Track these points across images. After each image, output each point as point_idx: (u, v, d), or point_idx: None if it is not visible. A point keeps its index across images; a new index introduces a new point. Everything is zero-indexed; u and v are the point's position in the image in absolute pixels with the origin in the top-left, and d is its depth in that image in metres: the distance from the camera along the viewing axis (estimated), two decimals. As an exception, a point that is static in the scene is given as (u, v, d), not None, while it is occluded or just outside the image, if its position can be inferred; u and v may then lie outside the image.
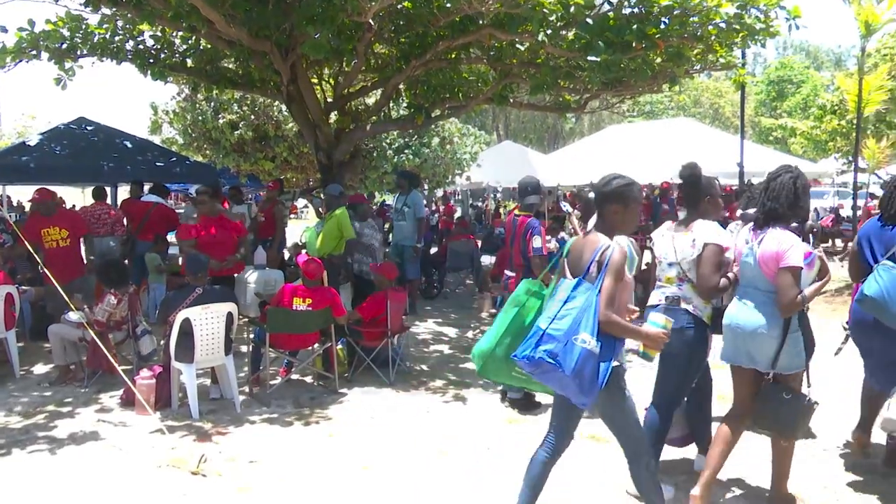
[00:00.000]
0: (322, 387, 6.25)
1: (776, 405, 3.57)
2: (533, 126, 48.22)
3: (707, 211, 3.93)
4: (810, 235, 3.80)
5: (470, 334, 8.43)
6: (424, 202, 10.99)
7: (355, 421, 5.34)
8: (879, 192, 5.81)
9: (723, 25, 6.61)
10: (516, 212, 5.90)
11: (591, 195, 6.74)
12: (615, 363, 3.04)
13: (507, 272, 5.90)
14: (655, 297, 3.99)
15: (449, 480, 4.24)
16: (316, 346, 6.32)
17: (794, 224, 3.68)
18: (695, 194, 3.93)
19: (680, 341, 3.71)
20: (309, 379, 6.49)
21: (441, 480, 4.24)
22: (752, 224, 3.76)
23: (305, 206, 28.16)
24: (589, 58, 6.49)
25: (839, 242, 16.17)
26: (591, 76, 7.38)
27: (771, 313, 3.54)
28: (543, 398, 5.74)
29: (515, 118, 46.82)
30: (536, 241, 5.61)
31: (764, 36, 6.98)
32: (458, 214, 18.51)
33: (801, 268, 3.47)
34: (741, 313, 3.66)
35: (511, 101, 9.68)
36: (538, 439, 3.25)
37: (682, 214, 4.15)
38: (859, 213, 11.55)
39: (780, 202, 3.60)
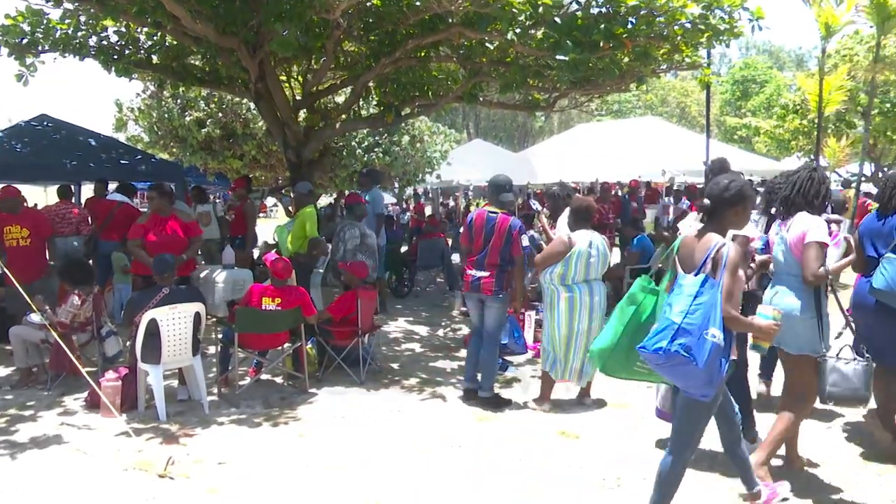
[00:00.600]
0: (292, 387, 6.20)
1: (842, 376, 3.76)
2: (503, 124, 48.38)
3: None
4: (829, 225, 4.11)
5: (441, 332, 8.43)
6: (385, 200, 10.96)
7: (326, 421, 5.31)
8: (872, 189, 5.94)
9: (688, 26, 6.70)
10: (489, 209, 5.71)
11: (559, 193, 6.82)
12: (733, 357, 3.18)
13: (476, 272, 5.61)
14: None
15: (420, 478, 4.23)
16: (286, 345, 6.26)
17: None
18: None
19: None
20: (279, 379, 6.43)
21: (412, 479, 4.23)
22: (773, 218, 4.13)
23: (275, 205, 27.91)
24: (557, 57, 6.53)
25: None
26: (560, 75, 7.43)
27: (805, 297, 3.84)
28: (514, 395, 5.78)
29: (486, 117, 46.91)
30: (524, 240, 5.56)
31: (728, 36, 7.09)
32: (428, 213, 18.53)
33: (826, 244, 3.77)
34: (777, 298, 3.93)
35: (481, 99, 9.69)
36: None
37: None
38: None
39: (800, 193, 3.94)
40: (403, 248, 12.34)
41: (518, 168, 18.94)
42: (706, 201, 3.30)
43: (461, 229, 6.15)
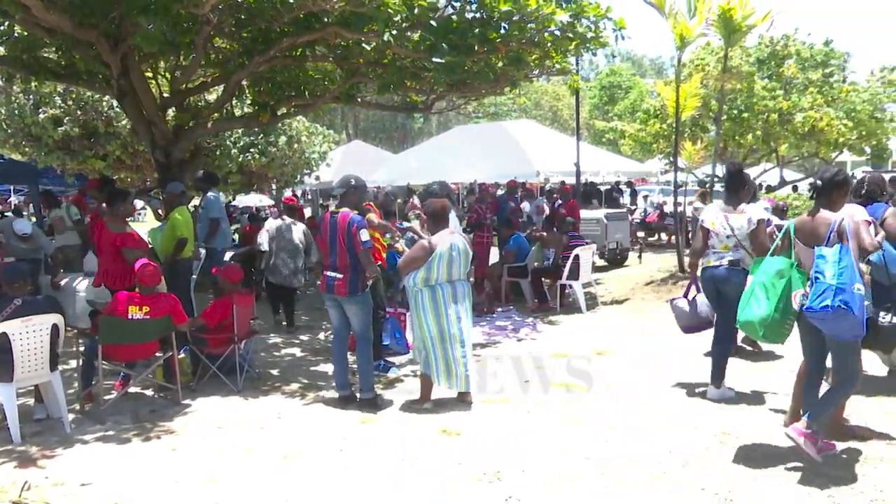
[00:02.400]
0: (164, 399, 5.89)
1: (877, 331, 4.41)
2: (382, 125, 48.35)
3: (748, 196, 5.42)
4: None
5: (322, 336, 8.29)
6: (264, 202, 10.68)
7: (201, 432, 5.08)
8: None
9: (557, 33, 6.97)
10: (332, 210, 5.64)
11: (440, 192, 6.89)
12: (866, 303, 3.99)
13: (331, 273, 5.50)
14: (714, 260, 5.36)
15: (299, 486, 4.14)
16: (156, 355, 5.93)
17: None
18: (739, 184, 5.32)
19: (737, 283, 5.02)
20: (149, 392, 6.10)
21: (291, 487, 4.13)
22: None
23: (143, 208, 26.45)
24: (434, 59, 6.61)
25: (664, 236, 17.59)
26: (437, 77, 7.52)
27: None
28: (396, 395, 5.77)
29: (365, 117, 46.71)
30: (364, 234, 5.41)
31: (594, 45, 7.44)
32: (308, 215, 18.19)
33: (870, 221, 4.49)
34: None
35: (359, 100, 9.63)
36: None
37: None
38: (680, 209, 12.58)
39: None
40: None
41: (398, 169, 19.04)
42: (819, 182, 4.18)
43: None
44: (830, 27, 52.08)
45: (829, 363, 4.36)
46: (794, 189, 16.85)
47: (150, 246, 7.25)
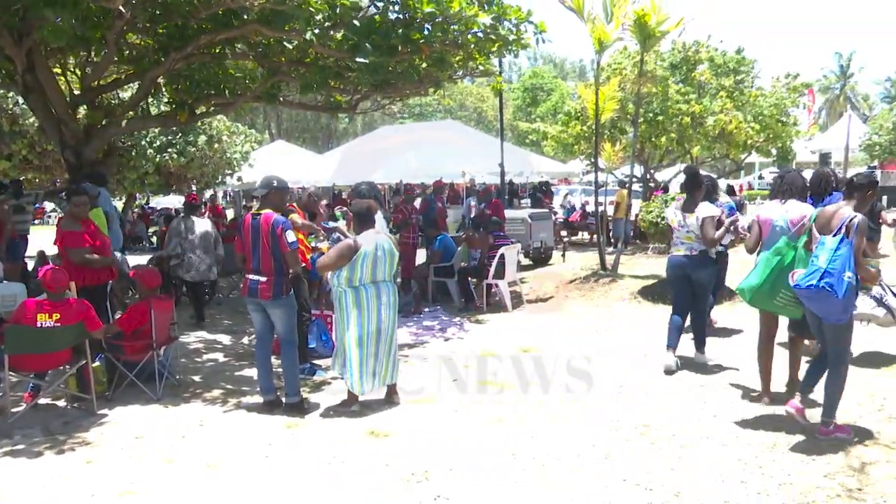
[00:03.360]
0: (78, 409, 5.63)
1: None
2: (307, 125, 47.66)
3: (702, 195, 6.27)
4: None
5: (246, 340, 8.10)
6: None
7: (118, 443, 4.88)
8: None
9: (480, 35, 7.05)
10: (254, 212, 5.52)
11: (367, 192, 6.82)
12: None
13: (254, 276, 5.39)
14: (683, 249, 6.21)
15: (223, 495, 4.04)
16: (68, 365, 5.66)
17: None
18: (695, 185, 6.26)
19: (708, 271, 6.22)
20: (61, 402, 5.81)
21: (214, 496, 4.02)
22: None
23: (54, 210, 25.22)
24: (357, 59, 6.57)
25: (586, 235, 18.03)
26: (361, 77, 7.47)
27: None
28: (323, 399, 5.70)
29: (288, 117, 45.93)
30: (290, 235, 5.31)
31: (516, 47, 7.57)
32: (231, 216, 17.75)
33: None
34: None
35: (281, 99, 9.47)
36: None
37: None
38: (601, 208, 12.93)
39: (794, 188, 5.30)
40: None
41: (323, 169, 18.82)
42: (852, 179, 4.64)
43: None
44: (739, 34, 54.61)
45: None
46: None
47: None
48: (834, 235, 4.36)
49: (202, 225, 8.83)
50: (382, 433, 4.91)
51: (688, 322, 6.45)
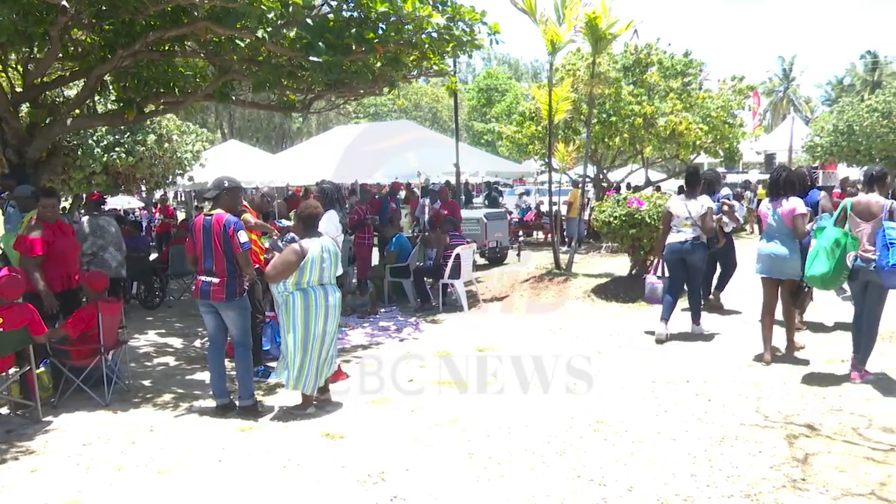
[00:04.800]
0: (22, 417, 5.45)
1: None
2: (260, 125, 47.00)
3: (701, 189, 7.42)
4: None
5: (198, 343, 7.95)
6: (133, 203, 10.15)
7: (65, 451, 4.74)
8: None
9: (434, 35, 7.05)
10: (206, 213, 5.43)
11: (328, 189, 6.76)
12: None
13: (206, 278, 5.32)
14: (681, 237, 7.17)
15: (174, 502, 3.95)
16: (11, 371, 5.47)
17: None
18: (696, 181, 7.35)
19: (701, 255, 7.22)
20: (4, 410, 5.62)
21: (165, 503, 3.94)
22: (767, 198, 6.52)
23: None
24: (310, 58, 6.49)
25: (541, 234, 18.22)
26: (314, 76, 7.38)
27: (792, 247, 6.14)
28: (275, 402, 5.64)
29: (241, 116, 45.21)
30: (242, 236, 5.26)
31: (470, 47, 7.59)
32: (182, 217, 17.39)
33: (806, 214, 6.16)
34: (774, 248, 6.19)
35: (233, 98, 9.29)
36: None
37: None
38: (555, 208, 13.06)
39: (782, 184, 6.27)
40: (153, 256, 11.45)
41: (277, 169, 18.57)
42: (871, 173, 5.70)
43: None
44: (687, 37, 55.87)
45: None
46: (657, 189, 17.81)
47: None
48: (886, 220, 5.36)
49: (110, 223, 8.71)
50: (338, 434, 4.88)
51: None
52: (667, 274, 7.38)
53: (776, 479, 3.97)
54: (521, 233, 17.70)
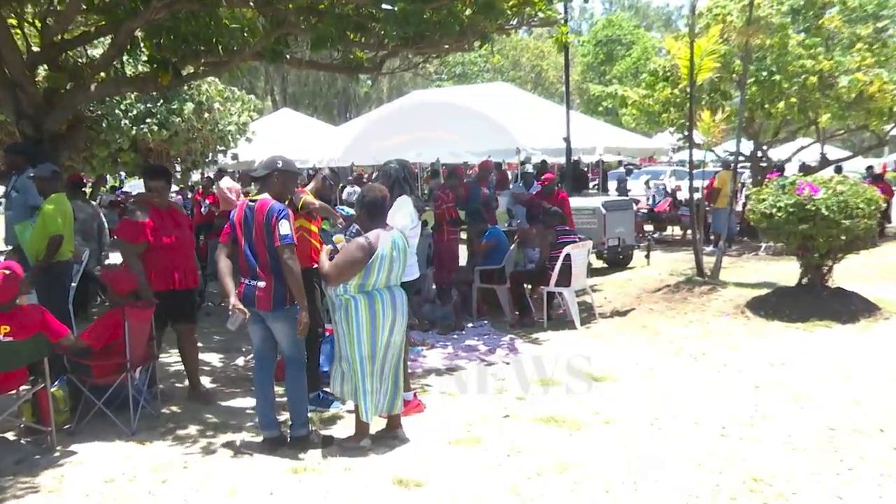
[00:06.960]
0: (32, 444, 5.77)
1: None
2: (319, 90, 48.15)
3: None
4: None
5: (240, 361, 8.21)
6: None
7: (83, 488, 4.98)
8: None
9: (540, -29, 6.99)
10: (250, 199, 5.56)
11: (393, 171, 6.85)
12: None
13: (251, 281, 5.46)
14: None
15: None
16: (22, 388, 5.80)
17: None
18: None
19: None
20: (11, 435, 5.96)
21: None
22: None
23: (5, 195, 25.88)
24: (383, 6, 6.57)
25: (678, 230, 17.80)
26: (387, 29, 7.48)
27: None
28: (338, 434, 5.74)
29: (296, 80, 46.47)
30: (284, 227, 5.31)
31: (587, -14, 7.49)
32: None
33: None
34: None
35: (288, 57, 9.54)
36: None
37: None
38: (697, 196, 12.75)
39: None
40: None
41: (339, 145, 18.93)
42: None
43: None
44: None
45: None
46: (838, 170, 17.02)
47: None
48: None
49: (81, 209, 9.11)
50: (413, 482, 4.91)
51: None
52: None
53: None
54: (651, 228, 17.40)
